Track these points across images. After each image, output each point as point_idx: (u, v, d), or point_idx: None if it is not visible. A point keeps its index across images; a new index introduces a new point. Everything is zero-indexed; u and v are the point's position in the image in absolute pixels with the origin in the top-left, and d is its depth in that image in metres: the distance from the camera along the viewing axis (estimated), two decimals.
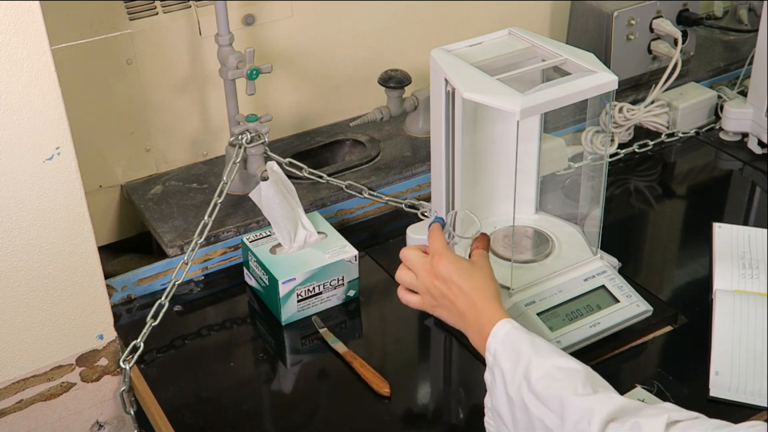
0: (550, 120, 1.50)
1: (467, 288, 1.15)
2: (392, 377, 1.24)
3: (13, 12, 1.04)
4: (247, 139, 1.42)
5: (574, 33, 1.88)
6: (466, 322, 1.15)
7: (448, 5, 1.77)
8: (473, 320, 1.13)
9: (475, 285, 1.15)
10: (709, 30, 2.05)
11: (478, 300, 1.14)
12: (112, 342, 1.31)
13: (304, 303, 1.35)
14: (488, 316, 1.11)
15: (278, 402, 1.26)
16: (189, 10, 1.52)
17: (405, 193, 1.61)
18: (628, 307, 1.29)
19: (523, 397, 1.02)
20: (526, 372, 1.03)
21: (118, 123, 1.53)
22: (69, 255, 1.21)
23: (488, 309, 1.12)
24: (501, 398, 1.06)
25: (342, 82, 1.73)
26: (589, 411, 0.97)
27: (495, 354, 1.08)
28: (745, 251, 1.43)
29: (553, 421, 0.99)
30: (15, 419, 1.28)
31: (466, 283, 1.15)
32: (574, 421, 0.97)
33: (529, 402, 1.02)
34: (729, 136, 1.78)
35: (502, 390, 1.06)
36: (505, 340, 1.08)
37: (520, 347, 1.06)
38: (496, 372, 1.07)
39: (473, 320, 1.13)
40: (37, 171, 1.14)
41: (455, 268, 1.17)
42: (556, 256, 1.35)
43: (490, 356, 1.08)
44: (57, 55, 1.11)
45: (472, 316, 1.13)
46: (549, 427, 1.00)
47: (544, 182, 1.44)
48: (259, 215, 1.45)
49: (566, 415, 0.98)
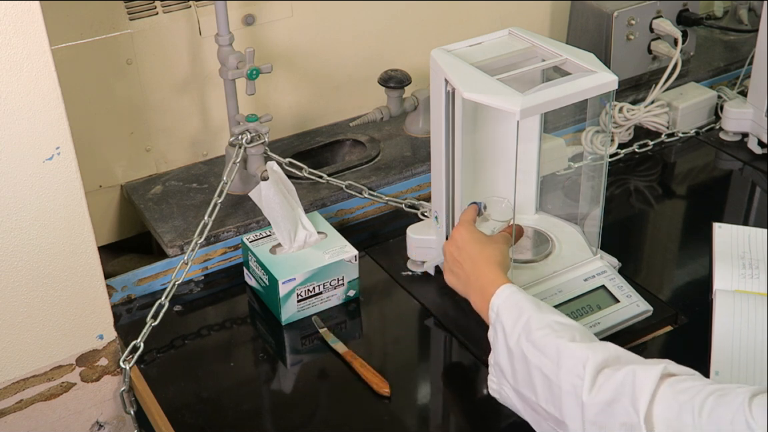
0: (550, 120, 1.50)
1: (475, 254, 1.21)
2: (392, 377, 1.24)
3: (13, 12, 1.04)
4: (247, 139, 1.42)
5: (574, 33, 1.88)
6: (469, 286, 1.21)
7: (448, 5, 1.77)
8: (476, 283, 1.19)
9: (483, 252, 1.21)
10: (709, 30, 2.05)
11: (484, 265, 1.19)
12: (112, 342, 1.31)
13: (304, 303, 1.35)
14: (491, 279, 1.17)
15: (278, 402, 1.26)
16: (189, 10, 1.52)
17: (405, 193, 1.61)
18: (628, 307, 1.29)
19: (522, 347, 1.06)
20: (527, 325, 1.07)
21: (118, 123, 1.53)
22: (69, 255, 1.21)
23: (492, 274, 1.18)
24: (502, 351, 1.10)
25: (342, 82, 1.73)
26: (584, 357, 1.00)
27: (497, 311, 1.12)
28: (745, 251, 1.43)
29: (549, 368, 1.02)
30: (15, 419, 1.28)
31: (475, 249, 1.22)
32: (570, 367, 1.00)
33: (528, 352, 1.05)
34: (729, 136, 1.78)
35: (503, 343, 1.09)
36: (508, 299, 1.13)
37: (522, 305, 1.11)
38: (498, 327, 1.11)
39: (476, 283, 1.19)
40: (37, 171, 1.14)
41: (470, 236, 1.24)
42: (556, 256, 1.35)
43: (493, 313, 1.13)
44: (57, 55, 1.11)
45: (476, 279, 1.19)
46: (546, 374, 1.03)
47: (544, 182, 1.44)
48: (259, 215, 1.45)
49: (562, 362, 1.01)
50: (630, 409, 0.93)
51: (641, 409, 0.92)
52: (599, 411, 0.96)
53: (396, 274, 1.44)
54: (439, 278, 1.41)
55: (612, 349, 1.02)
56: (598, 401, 0.96)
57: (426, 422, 1.23)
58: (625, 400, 0.94)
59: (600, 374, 0.98)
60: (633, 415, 0.93)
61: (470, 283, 1.21)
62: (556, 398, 1.01)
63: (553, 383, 1.02)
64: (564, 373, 1.00)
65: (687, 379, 0.94)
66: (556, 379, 1.01)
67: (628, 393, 0.94)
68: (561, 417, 1.01)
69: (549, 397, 1.02)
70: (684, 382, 0.93)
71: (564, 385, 1.00)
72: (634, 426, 0.92)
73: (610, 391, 0.96)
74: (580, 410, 0.98)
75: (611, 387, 0.96)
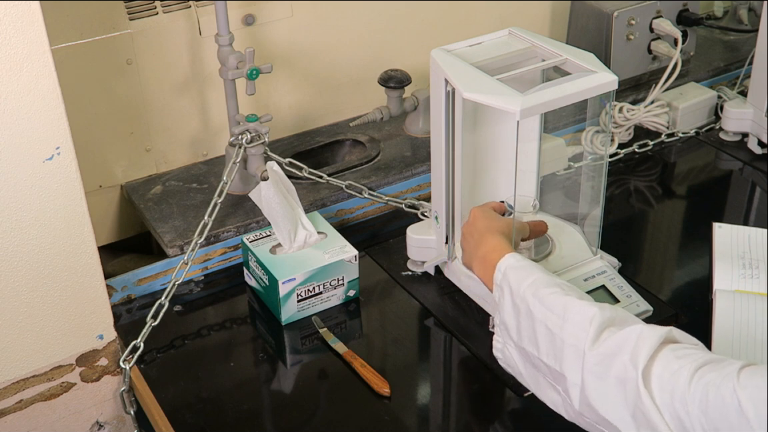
0: (550, 120, 1.50)
1: (482, 227, 1.24)
2: (392, 377, 1.24)
3: (13, 12, 1.04)
4: (247, 139, 1.42)
5: (574, 33, 1.88)
6: (473, 255, 1.23)
7: (448, 5, 1.77)
8: (480, 251, 1.21)
9: (490, 226, 1.23)
10: (709, 30, 2.05)
11: (489, 235, 1.22)
12: (112, 342, 1.31)
13: (304, 303, 1.35)
14: (495, 246, 1.19)
15: (278, 402, 1.26)
16: (189, 10, 1.52)
17: (405, 193, 1.61)
18: (628, 307, 1.29)
19: (529, 303, 1.08)
20: (534, 283, 1.09)
21: (118, 123, 1.53)
22: (69, 255, 1.21)
23: (496, 242, 1.20)
24: (508, 308, 1.12)
25: (342, 82, 1.73)
26: (591, 313, 1.02)
27: (505, 271, 1.14)
28: (745, 251, 1.43)
29: (554, 321, 1.04)
30: (15, 419, 1.28)
31: (483, 223, 1.25)
32: (576, 321, 1.02)
33: (534, 307, 1.07)
34: (729, 136, 1.78)
35: (509, 300, 1.11)
36: (517, 263, 1.15)
37: (530, 268, 1.13)
38: (504, 285, 1.13)
39: (480, 251, 1.21)
40: (37, 171, 1.14)
41: (481, 213, 1.27)
42: (556, 256, 1.35)
43: (500, 273, 1.15)
44: (57, 55, 1.11)
45: (480, 247, 1.21)
46: (550, 328, 1.04)
47: (544, 182, 1.44)
48: (259, 215, 1.45)
49: (568, 316, 1.03)
50: (629, 364, 0.95)
51: (640, 365, 0.94)
52: (598, 362, 0.98)
53: (396, 274, 1.44)
54: (440, 278, 1.41)
55: (621, 311, 1.04)
56: (599, 353, 0.99)
57: (426, 422, 1.23)
58: (625, 356, 0.96)
59: (605, 330, 1.00)
60: (630, 369, 0.95)
61: (474, 253, 1.23)
62: (558, 351, 1.03)
63: (556, 336, 1.04)
64: (569, 326, 1.02)
65: (688, 347, 0.96)
66: (559, 332, 1.03)
67: (629, 350, 0.96)
68: (560, 369, 1.03)
69: (551, 351, 1.04)
70: (685, 349, 0.95)
71: (567, 338, 1.02)
72: (629, 380, 0.94)
73: (613, 345, 0.98)
74: (581, 361, 1.00)
75: (614, 341, 0.98)
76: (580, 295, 1.08)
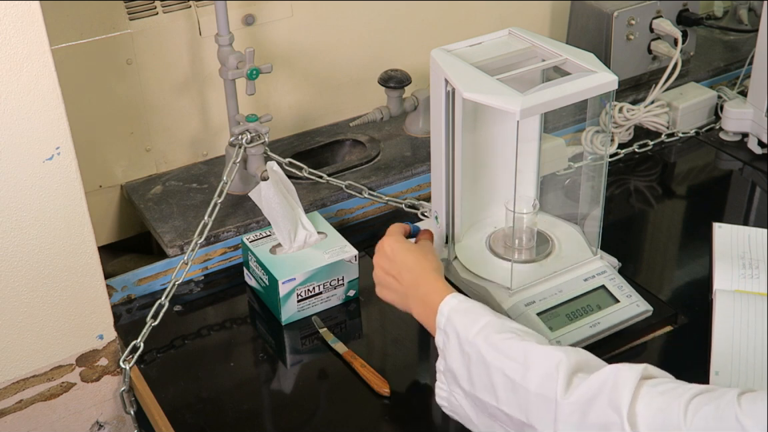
0: (550, 120, 1.50)
1: (411, 263, 1.17)
2: (392, 377, 1.24)
3: (13, 12, 1.04)
4: (247, 139, 1.42)
5: (574, 33, 1.88)
6: (410, 297, 1.16)
7: (448, 5, 1.77)
8: (417, 293, 1.15)
9: (420, 262, 1.17)
10: (709, 30, 2.05)
11: (423, 274, 1.16)
12: (112, 342, 1.31)
13: (304, 303, 1.35)
14: (435, 287, 1.13)
15: (278, 402, 1.26)
16: (189, 10, 1.52)
17: (405, 193, 1.61)
18: (628, 307, 1.29)
19: (481, 350, 1.02)
20: (485, 329, 1.03)
21: (118, 123, 1.53)
22: (69, 255, 1.21)
23: (436, 281, 1.14)
24: (455, 356, 1.05)
25: (342, 82, 1.73)
26: (556, 358, 0.96)
27: (448, 315, 1.08)
28: (745, 251, 1.43)
29: (514, 369, 0.98)
30: (15, 419, 1.28)
31: (409, 258, 1.18)
32: (540, 368, 0.96)
33: (488, 354, 1.01)
34: (729, 136, 1.78)
35: (456, 347, 1.05)
36: (460, 305, 1.09)
37: (477, 310, 1.07)
38: (450, 331, 1.07)
39: (417, 293, 1.15)
40: (37, 171, 1.14)
41: (399, 246, 1.20)
42: (556, 256, 1.35)
43: (443, 318, 1.08)
44: (57, 55, 1.11)
45: (417, 289, 1.15)
46: (509, 376, 0.98)
47: (544, 182, 1.44)
48: (259, 215, 1.45)
49: (531, 362, 0.97)
50: (608, 409, 0.90)
51: (623, 408, 0.89)
52: (573, 410, 0.93)
53: None
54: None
55: (583, 353, 0.99)
56: (574, 401, 0.93)
57: (426, 422, 1.23)
58: (603, 400, 0.91)
59: (575, 377, 0.95)
60: (611, 414, 0.90)
61: (410, 294, 1.16)
62: (522, 400, 0.97)
63: (518, 385, 0.98)
64: (533, 375, 0.97)
65: (667, 381, 0.92)
66: (522, 380, 0.97)
67: (607, 393, 0.91)
68: (528, 420, 0.97)
69: (513, 400, 0.98)
70: (665, 384, 0.91)
71: (532, 387, 0.96)
72: (612, 426, 0.90)
73: (587, 392, 0.92)
74: (553, 412, 0.94)
75: (588, 387, 0.93)
76: (539, 339, 1.02)
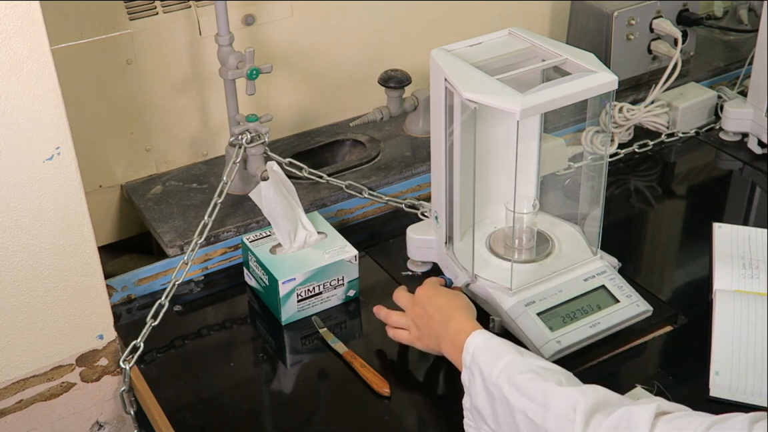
0: (550, 120, 1.50)
1: (441, 304, 1.21)
2: (392, 377, 1.24)
3: (13, 12, 1.04)
4: (247, 139, 1.42)
5: (574, 33, 1.88)
6: (441, 337, 1.19)
7: (448, 5, 1.77)
8: (447, 332, 1.17)
9: (449, 302, 1.21)
10: (709, 30, 2.05)
11: (451, 312, 1.19)
12: (112, 342, 1.31)
13: (304, 303, 1.35)
14: (463, 325, 1.16)
15: (278, 402, 1.26)
16: (189, 10, 1.52)
17: (405, 193, 1.61)
18: (628, 307, 1.29)
19: (504, 391, 1.03)
20: (507, 368, 1.05)
21: (118, 123, 1.53)
22: (69, 255, 1.21)
23: (463, 320, 1.17)
24: (480, 395, 1.07)
25: (342, 82, 1.73)
26: (573, 399, 0.97)
27: (473, 353, 1.10)
28: (745, 251, 1.43)
29: (535, 411, 1.00)
30: (15, 419, 1.28)
31: (440, 300, 1.21)
32: (559, 410, 0.98)
33: (510, 395, 1.03)
34: (729, 136, 1.78)
35: (481, 386, 1.07)
36: (485, 343, 1.11)
37: (500, 348, 1.09)
38: (474, 370, 1.09)
39: (447, 332, 1.17)
40: (37, 171, 1.14)
41: (433, 291, 1.25)
42: (556, 256, 1.35)
43: (468, 356, 1.11)
44: (57, 55, 1.11)
45: (446, 328, 1.18)
46: (531, 418, 1.00)
47: (544, 182, 1.44)
48: (259, 215, 1.45)
49: (550, 404, 0.99)
50: None
51: None
52: None
53: (396, 274, 1.44)
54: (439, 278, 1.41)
55: (601, 391, 0.99)
56: None
57: (426, 422, 1.23)
58: None
59: (592, 419, 0.96)
60: None
61: (441, 335, 1.18)
62: None
63: (539, 427, 0.99)
64: (552, 417, 0.98)
65: (682, 415, 0.93)
66: (542, 422, 0.99)
67: None
68: None
69: None
70: (680, 419, 0.92)
71: (552, 429, 0.98)
72: None
73: None
74: None
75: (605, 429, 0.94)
76: (558, 380, 1.02)
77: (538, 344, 1.24)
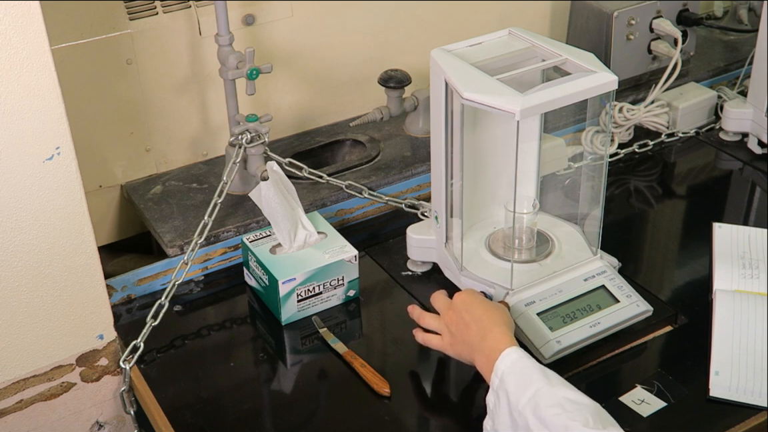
0: (550, 120, 1.50)
1: (479, 314, 1.17)
2: (392, 377, 1.24)
3: (13, 12, 1.04)
4: (247, 139, 1.42)
5: (574, 33, 1.88)
6: (474, 348, 1.16)
7: (448, 5, 1.77)
8: (481, 344, 1.15)
9: (487, 314, 1.17)
10: (709, 30, 2.05)
11: (489, 325, 1.15)
12: (112, 342, 1.31)
13: (304, 303, 1.35)
14: (497, 342, 1.13)
15: (278, 402, 1.26)
16: (189, 10, 1.52)
17: (405, 193, 1.61)
18: (628, 307, 1.29)
19: (528, 421, 1.02)
20: (535, 397, 1.03)
21: (118, 123, 1.53)
22: (69, 255, 1.21)
23: (498, 335, 1.14)
24: (504, 420, 1.06)
25: (342, 82, 1.73)
26: None
27: (502, 377, 1.08)
28: (745, 251, 1.43)
29: None
30: (15, 419, 1.28)
31: (480, 310, 1.18)
32: None
33: (534, 427, 1.02)
34: (729, 136, 1.78)
35: (506, 412, 1.06)
36: (514, 365, 1.09)
37: (530, 374, 1.07)
38: (501, 394, 1.07)
39: (481, 344, 1.15)
40: (37, 171, 1.14)
41: (473, 298, 1.21)
42: (556, 256, 1.35)
43: (497, 378, 1.09)
44: (57, 55, 1.11)
45: (481, 341, 1.15)
46: None
47: (544, 182, 1.44)
48: (259, 215, 1.45)
49: None
50: None
51: None
52: None
53: (396, 274, 1.44)
54: (439, 278, 1.41)
55: None
56: None
57: (426, 422, 1.23)
58: None
59: None
60: None
61: (476, 345, 1.16)
62: None
63: None
64: None
65: None
66: None
67: None
68: None
69: None
70: None
71: None
72: None
73: None
74: None
75: None
76: (585, 420, 0.99)
77: (538, 344, 1.24)
